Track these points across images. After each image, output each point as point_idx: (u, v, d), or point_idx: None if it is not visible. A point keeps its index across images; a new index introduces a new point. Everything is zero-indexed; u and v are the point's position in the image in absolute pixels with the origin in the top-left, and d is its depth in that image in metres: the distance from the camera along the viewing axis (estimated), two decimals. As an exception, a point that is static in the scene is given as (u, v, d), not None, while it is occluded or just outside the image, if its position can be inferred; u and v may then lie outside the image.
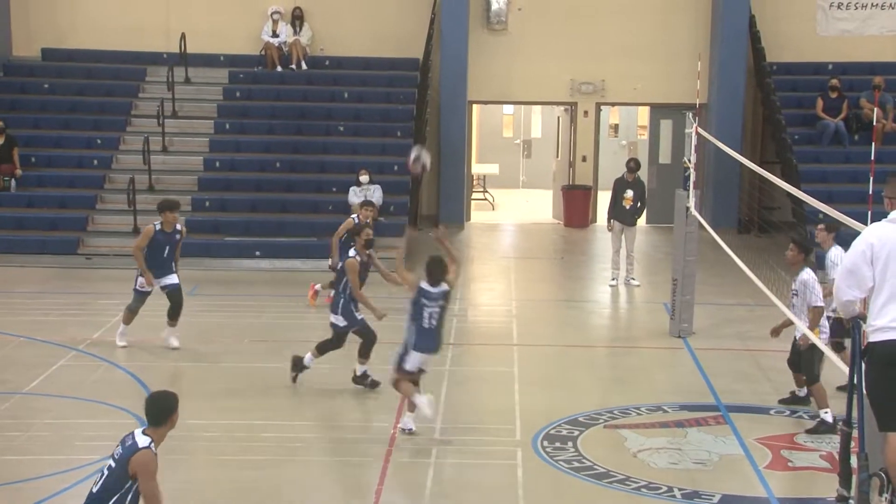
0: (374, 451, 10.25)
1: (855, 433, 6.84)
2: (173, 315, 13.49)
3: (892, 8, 22.94)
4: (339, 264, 12.84)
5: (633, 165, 18.34)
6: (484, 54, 23.36)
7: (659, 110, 24.19)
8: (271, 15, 23.17)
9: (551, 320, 16.00)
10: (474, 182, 26.59)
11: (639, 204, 18.09)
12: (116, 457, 6.69)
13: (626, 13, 23.29)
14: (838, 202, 16.01)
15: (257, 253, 19.25)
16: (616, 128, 29.15)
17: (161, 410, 6.79)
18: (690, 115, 15.79)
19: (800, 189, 13.23)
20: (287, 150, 21.53)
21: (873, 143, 17.48)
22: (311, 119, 22.18)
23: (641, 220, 19.52)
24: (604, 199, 20.56)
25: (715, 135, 17.95)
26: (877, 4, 22.96)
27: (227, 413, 11.30)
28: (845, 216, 9.28)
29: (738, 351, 13.81)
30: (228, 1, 23.52)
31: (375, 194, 19.43)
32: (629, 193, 17.99)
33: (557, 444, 10.45)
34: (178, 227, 13.58)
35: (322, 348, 12.02)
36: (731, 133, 21.26)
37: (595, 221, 23.80)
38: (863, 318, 6.76)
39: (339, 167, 20.86)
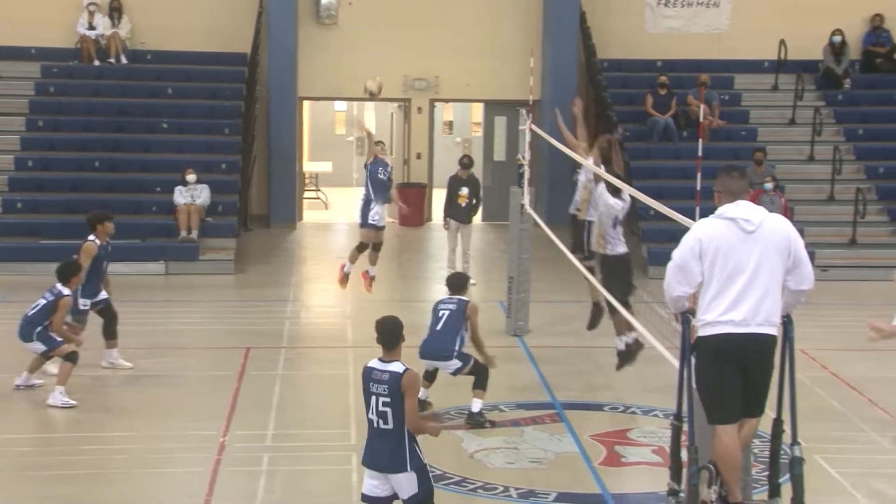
0: (201, 459, 10.08)
1: (685, 427, 7.02)
2: (112, 332, 12.87)
3: (717, 6, 23.70)
4: None
5: (466, 162, 18.55)
6: (314, 49, 23.24)
7: (493, 107, 24.47)
8: (87, 6, 22.52)
9: (387, 321, 16.00)
10: (306, 181, 26.42)
11: (474, 201, 18.29)
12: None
13: (459, 9, 23.49)
14: (668, 198, 16.34)
15: (74, 256, 18.65)
16: (450, 125, 29.35)
17: None
18: (524, 111, 15.98)
19: (631, 185, 13.54)
20: (106, 148, 20.96)
21: (700, 140, 18.17)
22: (133, 116, 21.62)
23: (477, 218, 19.71)
24: (439, 196, 20.69)
25: (548, 132, 18.25)
26: (703, 3, 23.69)
27: (42, 426, 10.98)
28: (675, 212, 9.55)
29: (573, 348, 14.07)
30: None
31: (202, 194, 19.16)
32: (464, 191, 18.17)
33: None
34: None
35: None
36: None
37: (430, 220, 23.93)
38: (692, 312, 6.93)
39: (164, 166, 20.42)
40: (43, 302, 11.78)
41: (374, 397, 7.32)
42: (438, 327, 11.00)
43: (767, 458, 7.12)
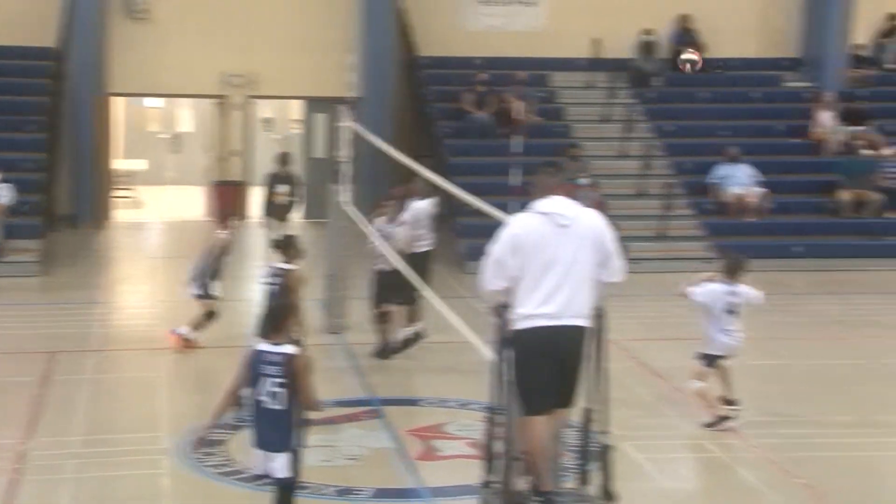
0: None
1: (500, 419, 7.10)
2: None
3: (535, 5, 24.09)
4: None
5: (285, 159, 18.42)
6: (126, 43, 22.68)
7: (312, 104, 24.31)
8: None
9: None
10: (119, 179, 25.75)
11: (292, 198, 18.17)
12: None
13: (277, 4, 23.29)
14: (487, 194, 16.47)
15: None
16: (269, 121, 29.07)
17: None
18: (343, 109, 15.93)
19: (450, 181, 13.65)
20: None
21: (517, 137, 18.49)
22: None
23: (296, 215, 19.57)
24: (258, 194, 20.48)
25: (368, 128, 18.24)
26: (521, 1, 24.05)
27: None
28: (492, 208, 9.66)
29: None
30: None
31: (6, 193, 18.53)
32: (282, 188, 18.04)
33: (206, 450, 10.28)
34: None
35: None
36: (382, 127, 21.66)
37: (248, 217, 23.64)
38: (507, 306, 7.01)
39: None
40: None
41: (264, 378, 7.40)
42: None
43: (578, 446, 7.26)
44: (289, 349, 7.42)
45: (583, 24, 23.48)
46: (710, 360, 10.90)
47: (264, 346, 7.48)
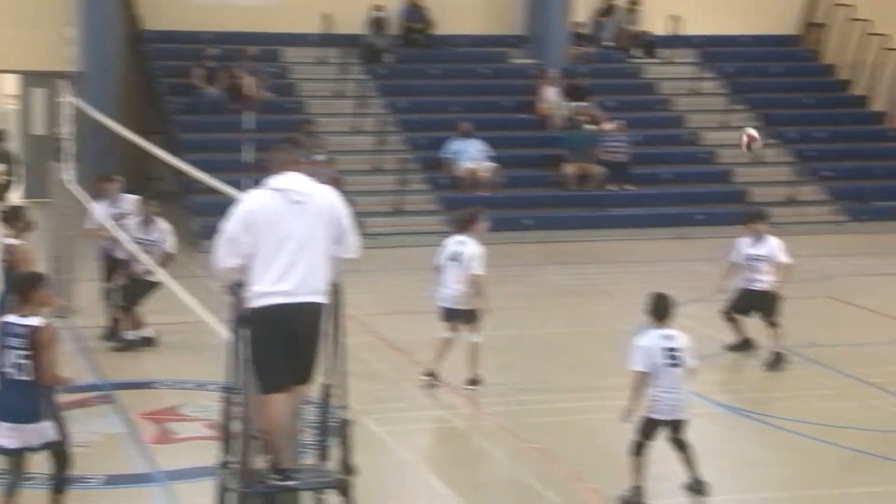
0: None
1: (237, 398, 7.05)
2: None
3: (265, -21, 23.86)
4: None
5: (1, 136, 17.64)
6: None
7: (29, 78, 23.27)
8: None
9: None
10: None
11: (10, 178, 17.44)
12: None
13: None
14: (221, 171, 16.31)
15: None
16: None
17: None
18: (63, 84, 15.39)
19: (181, 159, 13.40)
20: None
21: (250, 113, 18.33)
22: None
23: (15, 195, 18.80)
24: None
25: (91, 104, 17.66)
26: (250, -25, 23.77)
27: None
28: (225, 185, 9.53)
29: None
30: None
31: None
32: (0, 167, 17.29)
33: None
34: None
35: None
36: (106, 102, 20.95)
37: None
38: (242, 284, 6.95)
39: None
40: None
41: (9, 350, 7.48)
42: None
43: (317, 422, 7.29)
44: (34, 321, 7.50)
45: (313, -1, 23.43)
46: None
47: (11, 318, 7.58)
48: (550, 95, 22.80)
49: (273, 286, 6.75)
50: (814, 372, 12.65)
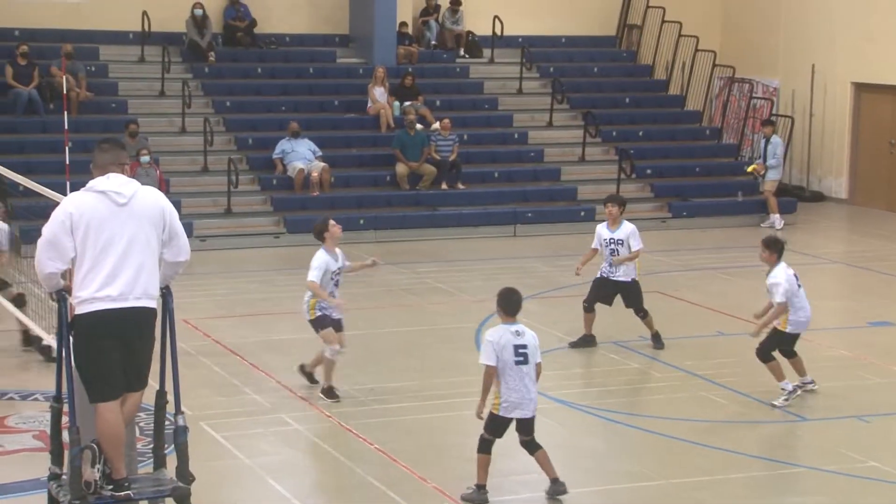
0: None
1: (66, 408, 6.87)
2: None
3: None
4: None
5: None
6: None
7: None
8: None
9: None
10: None
11: None
12: None
13: None
14: (38, 173, 15.96)
15: None
16: None
17: None
18: None
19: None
20: None
21: (67, 112, 17.80)
22: None
23: None
24: None
25: None
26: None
27: None
28: (44, 187, 9.25)
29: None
30: None
31: None
32: None
33: None
34: None
35: None
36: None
37: None
38: (68, 290, 6.78)
39: None
40: None
41: None
42: None
43: (152, 430, 7.15)
44: None
45: (131, -4, 22.98)
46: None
47: None
48: (378, 95, 22.84)
49: (100, 291, 6.64)
50: (646, 365, 12.97)
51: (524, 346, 8.75)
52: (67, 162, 13.18)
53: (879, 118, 24.07)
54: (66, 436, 6.77)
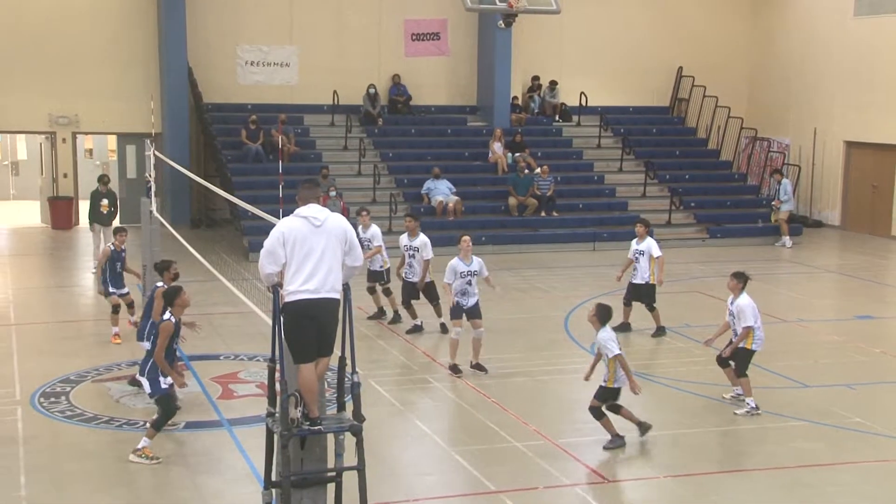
0: None
1: (278, 366, 7.00)
2: None
3: (289, 66, 23.79)
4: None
5: (105, 180, 17.47)
6: (-28, 90, 20.91)
7: (124, 137, 23.14)
8: None
9: (45, 302, 14.77)
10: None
11: (112, 209, 17.26)
12: None
13: (93, 62, 22.04)
14: (261, 203, 16.35)
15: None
16: (91, 151, 27.44)
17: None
18: (148, 141, 15.24)
19: (233, 195, 13.33)
20: None
21: (281, 161, 18.22)
22: None
23: (116, 221, 18.60)
24: (85, 206, 19.33)
25: (169, 156, 17.57)
26: (278, 64, 23.68)
27: None
28: (265, 213, 9.47)
29: (196, 315, 13.62)
30: None
31: None
32: (104, 201, 17.13)
33: (52, 399, 9.69)
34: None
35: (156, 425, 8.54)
36: (180, 154, 20.96)
37: (78, 223, 22.28)
38: (280, 285, 6.89)
39: None
40: None
41: None
42: None
43: (336, 384, 7.25)
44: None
45: (325, 80, 23.36)
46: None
47: None
48: (497, 148, 22.84)
49: (301, 286, 6.67)
50: (688, 345, 12.72)
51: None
52: (281, 195, 13.46)
53: (864, 167, 23.20)
54: (277, 386, 6.93)
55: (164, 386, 8.49)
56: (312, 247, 6.69)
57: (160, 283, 9.65)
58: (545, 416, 9.70)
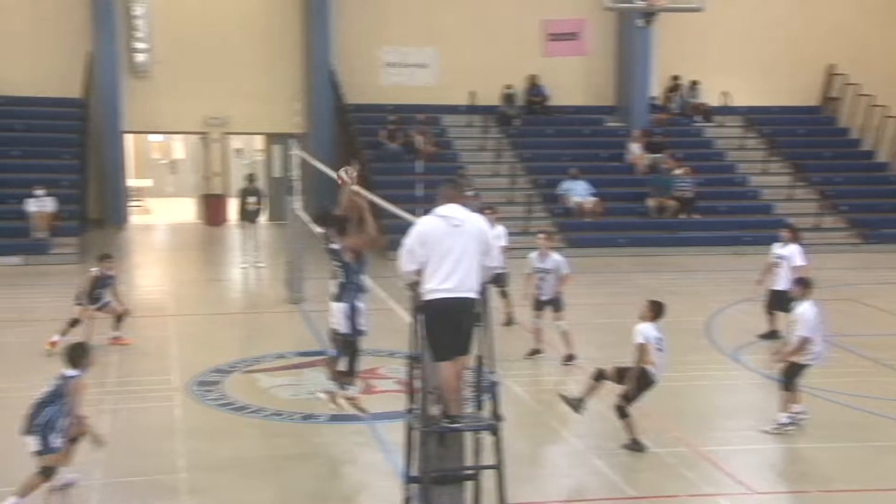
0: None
1: (417, 363, 7.06)
2: None
3: (428, 67, 24.09)
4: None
5: (252, 178, 18.19)
6: (135, 95, 22.19)
7: (271, 137, 24.01)
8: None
9: (198, 295, 15.50)
10: (133, 192, 25.16)
11: (259, 206, 17.95)
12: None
13: (244, 66, 22.97)
14: (400, 202, 16.55)
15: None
16: (240, 151, 28.60)
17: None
18: (294, 141, 15.79)
19: (373, 194, 13.60)
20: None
21: (420, 162, 18.50)
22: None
23: (262, 218, 19.35)
24: (234, 203, 20.19)
25: (312, 155, 18.12)
26: (417, 65, 24.01)
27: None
28: (404, 212, 9.60)
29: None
30: None
31: (49, 203, 18.07)
32: (252, 199, 17.83)
33: (207, 388, 10.16)
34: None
35: None
36: (324, 153, 21.51)
37: (228, 220, 23.28)
38: (418, 283, 6.96)
39: (17, 183, 19.00)
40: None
41: None
42: (37, 400, 7.42)
43: (474, 383, 7.27)
44: None
45: (462, 81, 23.52)
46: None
47: None
48: (635, 149, 22.46)
49: (440, 285, 6.69)
50: (843, 355, 12.16)
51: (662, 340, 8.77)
52: (420, 195, 13.67)
53: None
54: (417, 383, 7.02)
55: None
56: (451, 246, 6.69)
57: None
58: (686, 422, 9.45)
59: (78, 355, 7.47)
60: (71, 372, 7.37)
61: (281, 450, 8.56)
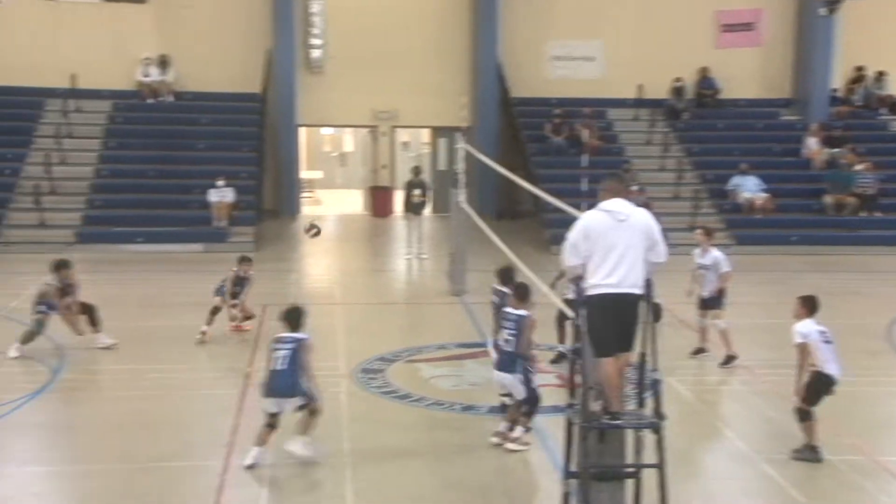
0: (232, 384, 9.96)
1: (579, 359, 7.01)
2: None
3: (594, 60, 23.79)
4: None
5: (418, 170, 18.52)
6: (308, 89, 23.03)
7: (437, 131, 24.39)
8: (144, 60, 22.24)
9: (364, 284, 15.94)
10: (305, 184, 26.22)
11: (424, 199, 18.27)
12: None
13: (412, 61, 23.40)
14: (564, 196, 16.45)
15: (139, 239, 18.56)
16: (406, 144, 29.22)
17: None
18: (460, 134, 15.97)
19: (537, 187, 13.60)
20: (158, 162, 20.71)
21: (585, 155, 18.30)
22: (177, 139, 21.36)
23: (427, 211, 19.70)
24: (400, 196, 20.64)
25: (477, 149, 18.28)
26: (583, 58, 23.77)
27: (123, 359, 10.80)
28: (568, 206, 9.54)
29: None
30: (107, 48, 22.32)
31: (229, 195, 19.05)
32: (417, 191, 18.15)
33: (371, 376, 10.44)
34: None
35: None
36: (488, 147, 21.67)
37: (393, 212, 23.85)
38: (582, 278, 6.91)
39: (200, 174, 20.17)
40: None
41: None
42: (278, 367, 8.06)
43: (636, 380, 7.15)
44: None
45: (630, 73, 23.12)
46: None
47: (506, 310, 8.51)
48: (812, 143, 21.39)
49: (604, 280, 6.62)
50: None
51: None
52: (584, 189, 13.52)
53: None
54: (578, 378, 6.97)
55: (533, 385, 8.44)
56: (615, 241, 6.62)
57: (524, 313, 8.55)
58: (863, 429, 8.96)
59: (298, 318, 8.22)
60: (300, 335, 8.12)
61: (442, 440, 8.68)
